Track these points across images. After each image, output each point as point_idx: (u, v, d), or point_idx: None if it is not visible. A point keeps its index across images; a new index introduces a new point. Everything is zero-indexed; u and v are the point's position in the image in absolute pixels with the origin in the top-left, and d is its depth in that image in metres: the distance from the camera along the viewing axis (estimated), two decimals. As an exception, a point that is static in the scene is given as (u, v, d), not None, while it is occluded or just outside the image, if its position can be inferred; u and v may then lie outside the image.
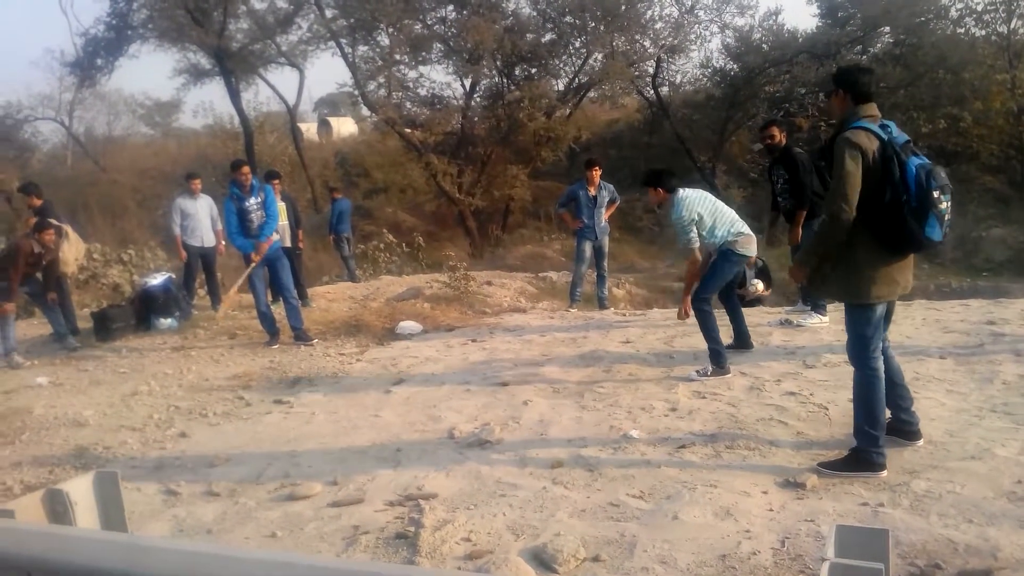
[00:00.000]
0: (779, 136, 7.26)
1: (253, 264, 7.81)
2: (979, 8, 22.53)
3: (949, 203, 3.54)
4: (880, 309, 3.77)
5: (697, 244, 5.79)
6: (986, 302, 7.98)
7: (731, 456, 4.15)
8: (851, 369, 5.52)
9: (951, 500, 3.39)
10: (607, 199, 9.19)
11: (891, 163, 3.50)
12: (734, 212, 5.97)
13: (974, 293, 10.94)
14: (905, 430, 4.04)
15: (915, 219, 3.47)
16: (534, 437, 4.72)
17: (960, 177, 19.45)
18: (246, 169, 7.95)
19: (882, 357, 3.82)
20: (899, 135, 3.63)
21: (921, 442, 4.04)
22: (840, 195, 3.55)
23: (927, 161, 3.56)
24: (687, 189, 5.94)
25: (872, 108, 3.69)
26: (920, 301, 8.31)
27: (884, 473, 3.68)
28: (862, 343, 3.77)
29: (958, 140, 20.75)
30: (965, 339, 6.30)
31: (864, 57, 24.22)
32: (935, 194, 3.46)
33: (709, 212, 5.81)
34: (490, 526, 3.49)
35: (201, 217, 9.91)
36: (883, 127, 3.62)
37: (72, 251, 8.51)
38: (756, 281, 8.49)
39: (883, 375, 3.78)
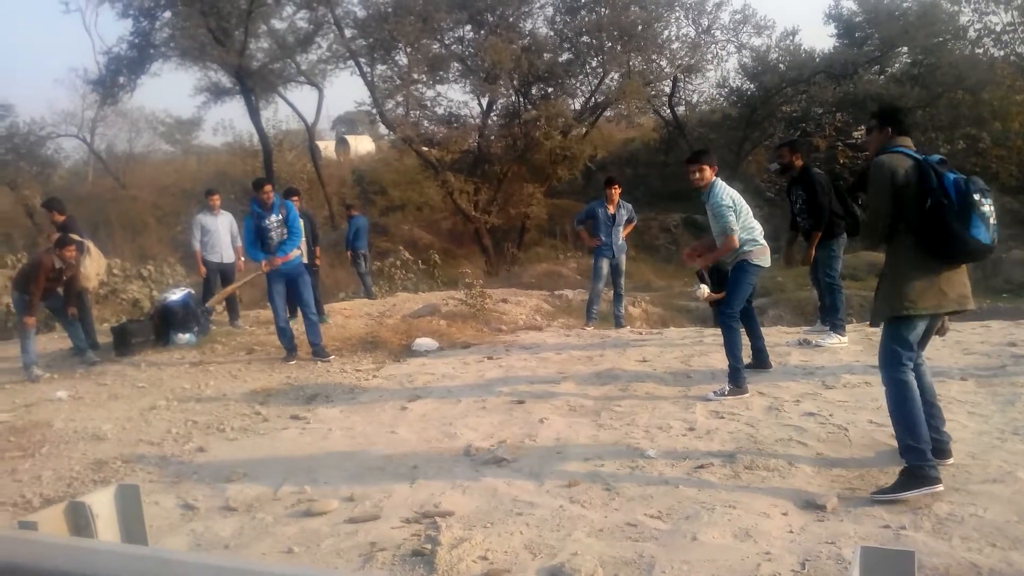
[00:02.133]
0: (789, 157, 7.28)
1: (257, 273, 7.93)
2: (998, 29, 22.54)
3: (992, 208, 3.61)
4: (921, 325, 3.79)
5: (737, 228, 5.67)
6: (1007, 323, 7.90)
7: (750, 477, 4.12)
8: (870, 390, 5.52)
9: (974, 523, 3.35)
10: (625, 218, 9.19)
11: (927, 175, 3.62)
12: (755, 221, 5.94)
13: (994, 314, 10.81)
14: (936, 448, 4.00)
15: (959, 221, 3.54)
16: (551, 455, 4.70)
17: (979, 198, 19.29)
18: (268, 188, 8.02)
19: (910, 372, 3.80)
20: (933, 156, 3.76)
21: (951, 460, 4.01)
22: (871, 220, 3.80)
23: (961, 176, 3.66)
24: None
25: (907, 141, 3.86)
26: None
27: (940, 487, 3.64)
28: (895, 357, 3.80)
29: (977, 160, 20.66)
30: (986, 361, 6.24)
31: (882, 77, 24.21)
32: (975, 196, 3.55)
33: (739, 206, 5.78)
34: (507, 544, 3.47)
35: (221, 233, 9.99)
36: (917, 153, 3.77)
37: (93, 266, 8.59)
38: (702, 286, 8.31)
39: (915, 386, 3.77)
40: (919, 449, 3.68)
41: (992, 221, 3.59)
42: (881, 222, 3.74)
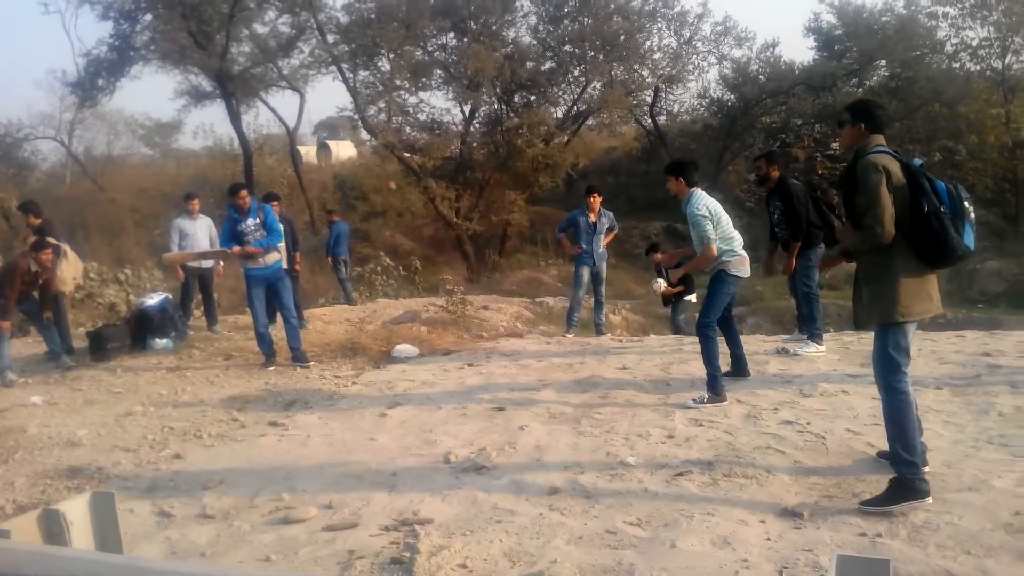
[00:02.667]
0: (766, 169, 7.37)
1: (224, 251, 8.04)
2: (974, 44, 22.92)
3: (974, 215, 3.66)
4: (912, 330, 3.78)
5: (714, 237, 5.68)
6: (982, 334, 8.00)
7: (728, 484, 4.14)
8: (847, 399, 5.57)
9: (949, 531, 3.38)
10: (606, 226, 9.23)
11: (919, 179, 3.59)
12: (736, 232, 5.97)
13: (969, 324, 10.98)
14: None
15: (954, 227, 3.54)
16: (530, 462, 4.70)
17: (955, 209, 19.66)
18: (244, 193, 7.97)
19: (909, 382, 3.78)
20: (914, 160, 3.74)
21: (927, 468, 3.99)
22: (878, 210, 3.58)
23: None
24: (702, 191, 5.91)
25: (883, 139, 3.80)
26: (916, 332, 8.32)
27: (929, 499, 3.63)
28: (893, 365, 3.74)
29: (953, 173, 20.97)
30: (961, 370, 6.31)
31: (860, 90, 24.53)
32: (966, 204, 3.59)
33: (718, 216, 5.80)
34: (486, 552, 3.46)
35: (199, 237, 9.90)
36: (896, 153, 3.74)
37: (70, 270, 8.49)
38: (659, 280, 8.45)
39: (912, 398, 3.76)
40: (912, 462, 3.65)
41: (975, 227, 3.65)
42: (886, 213, 3.56)
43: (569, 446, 4.95)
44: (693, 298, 9.86)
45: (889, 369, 3.75)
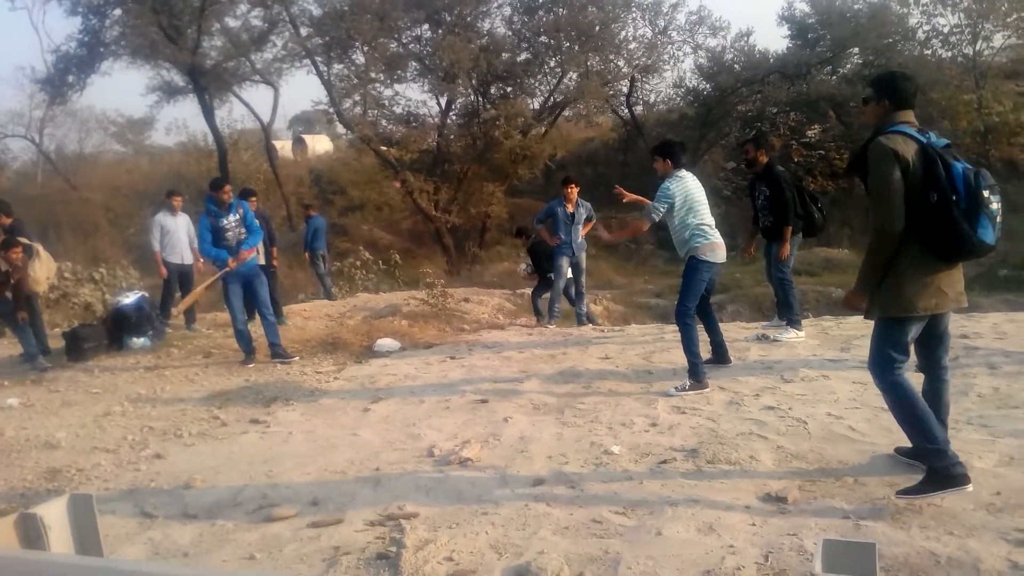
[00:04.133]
0: (754, 152, 7.38)
1: (227, 269, 7.71)
2: (945, 30, 23.11)
3: (999, 205, 3.32)
4: (916, 327, 3.54)
5: (657, 219, 5.91)
6: (958, 316, 8.06)
7: (712, 471, 4.15)
8: (827, 383, 5.63)
9: (931, 512, 3.41)
10: (584, 216, 9.23)
11: (935, 164, 3.29)
12: (710, 217, 5.98)
13: (945, 308, 11.10)
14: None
15: (966, 221, 3.25)
16: (515, 454, 4.69)
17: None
18: (228, 188, 7.90)
19: (905, 372, 3.56)
20: (939, 140, 3.41)
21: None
22: (885, 206, 3.34)
23: (970, 166, 3.35)
24: (688, 173, 5.99)
25: (909, 115, 3.50)
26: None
27: (970, 487, 3.43)
28: (886, 361, 3.52)
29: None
30: (939, 353, 6.36)
31: (834, 78, 24.70)
32: (985, 194, 3.25)
33: (692, 201, 5.85)
34: (472, 545, 3.45)
35: (180, 234, 9.83)
36: (921, 132, 3.43)
37: (43, 270, 8.37)
38: (522, 265, 8.98)
39: (910, 385, 3.53)
40: (937, 450, 3.44)
41: (998, 220, 3.31)
42: (895, 210, 3.31)
43: (553, 437, 4.95)
44: (563, 282, 9.97)
45: (882, 365, 3.53)
